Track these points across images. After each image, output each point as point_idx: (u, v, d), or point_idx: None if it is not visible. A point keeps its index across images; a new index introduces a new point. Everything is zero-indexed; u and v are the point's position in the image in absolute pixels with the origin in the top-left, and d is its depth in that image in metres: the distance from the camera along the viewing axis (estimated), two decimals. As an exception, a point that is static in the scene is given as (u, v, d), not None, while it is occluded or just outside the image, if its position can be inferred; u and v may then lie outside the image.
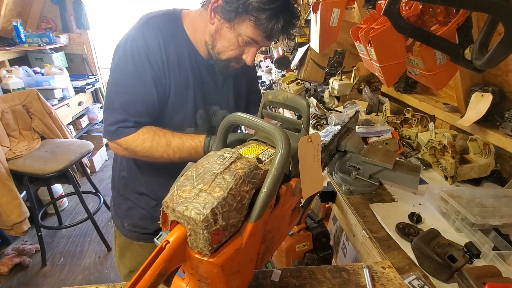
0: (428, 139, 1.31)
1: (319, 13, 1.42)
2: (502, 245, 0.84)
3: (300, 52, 2.51)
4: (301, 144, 0.52)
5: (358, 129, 1.41)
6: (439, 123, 1.57)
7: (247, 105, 1.11)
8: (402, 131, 1.56)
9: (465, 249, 0.82)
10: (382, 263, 0.74)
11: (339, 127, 1.16)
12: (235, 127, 0.59)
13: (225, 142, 0.60)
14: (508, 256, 0.80)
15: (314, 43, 1.60)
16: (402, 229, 0.90)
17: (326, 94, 2.16)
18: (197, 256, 0.40)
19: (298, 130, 0.65)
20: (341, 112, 1.86)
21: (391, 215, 0.98)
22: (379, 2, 1.11)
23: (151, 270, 0.37)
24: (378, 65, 1.15)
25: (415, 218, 0.95)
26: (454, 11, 0.97)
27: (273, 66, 3.04)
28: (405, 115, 1.62)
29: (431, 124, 1.33)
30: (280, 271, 0.68)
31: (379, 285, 0.66)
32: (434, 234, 0.81)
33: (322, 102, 2.10)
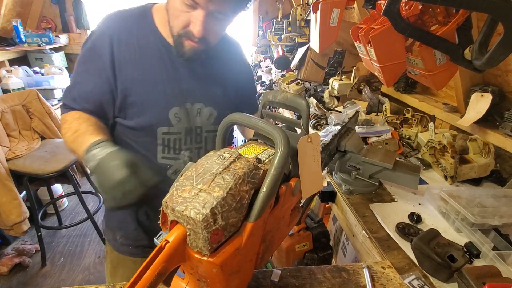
0: (428, 139, 1.31)
1: (319, 13, 1.42)
2: (502, 245, 0.84)
3: (300, 52, 2.51)
4: (300, 144, 0.52)
5: (358, 129, 1.41)
6: (439, 123, 1.57)
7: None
8: (402, 131, 1.56)
9: (465, 249, 0.82)
10: (382, 263, 0.73)
11: (339, 127, 1.16)
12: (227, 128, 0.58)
13: (225, 142, 0.60)
14: (508, 256, 0.80)
15: (314, 43, 1.60)
16: (402, 229, 0.90)
17: (326, 94, 2.17)
18: (196, 255, 0.40)
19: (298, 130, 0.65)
20: (341, 112, 1.86)
21: (391, 215, 0.98)
22: (379, 2, 1.11)
23: (150, 269, 0.37)
24: (378, 65, 1.15)
25: (415, 218, 0.95)
26: (454, 11, 0.97)
27: (273, 66, 3.04)
28: (405, 115, 1.62)
29: (431, 124, 1.33)
30: (279, 271, 0.68)
31: (379, 285, 0.66)
32: (434, 234, 0.81)
33: (322, 102, 2.10)
